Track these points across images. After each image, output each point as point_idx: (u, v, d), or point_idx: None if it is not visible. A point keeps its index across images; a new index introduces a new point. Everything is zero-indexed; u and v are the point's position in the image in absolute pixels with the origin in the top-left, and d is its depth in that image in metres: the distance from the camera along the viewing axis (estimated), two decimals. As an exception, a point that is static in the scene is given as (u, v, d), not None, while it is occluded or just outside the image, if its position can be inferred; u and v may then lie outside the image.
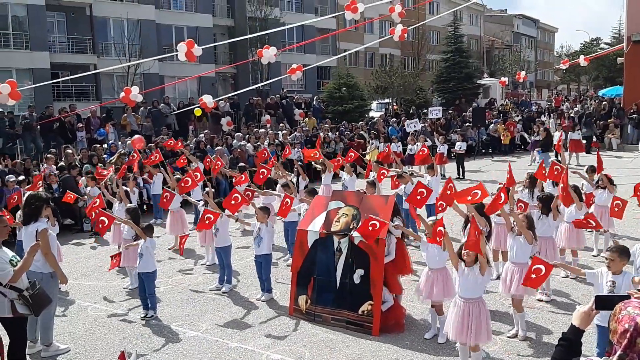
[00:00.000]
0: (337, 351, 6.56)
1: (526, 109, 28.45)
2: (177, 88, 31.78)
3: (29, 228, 6.55)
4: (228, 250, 8.82)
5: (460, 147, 19.05)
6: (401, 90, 31.33)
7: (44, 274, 6.46)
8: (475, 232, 5.46)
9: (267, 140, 19.07)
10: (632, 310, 2.76)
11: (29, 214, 6.67)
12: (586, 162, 14.74)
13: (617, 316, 2.82)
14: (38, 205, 6.64)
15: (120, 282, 9.31)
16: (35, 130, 17.31)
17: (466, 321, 5.59)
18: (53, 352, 6.64)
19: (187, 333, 7.22)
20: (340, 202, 7.81)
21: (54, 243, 6.90)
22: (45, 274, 6.47)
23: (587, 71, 53.28)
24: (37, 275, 6.32)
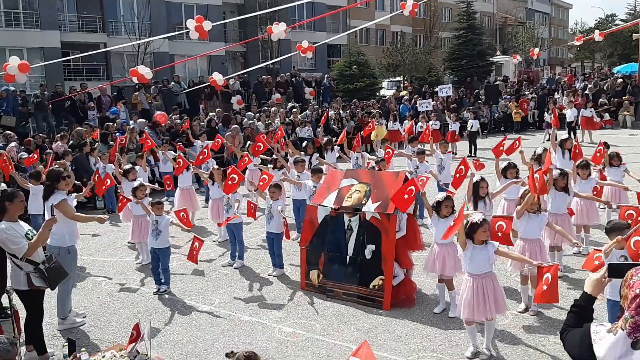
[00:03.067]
0: (348, 325, 6.63)
1: (541, 87, 28.08)
2: (187, 67, 31.75)
3: (48, 203, 6.64)
4: (240, 226, 8.88)
5: (472, 125, 18.92)
6: (412, 68, 31.08)
7: (62, 248, 6.58)
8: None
9: (278, 118, 19.04)
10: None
11: (47, 189, 6.76)
12: (597, 139, 14.60)
13: (628, 282, 2.84)
14: (53, 179, 6.73)
15: (133, 259, 9.42)
16: (47, 109, 17.40)
17: (481, 296, 5.59)
18: (69, 324, 6.77)
19: (200, 307, 7.32)
20: (353, 180, 7.83)
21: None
22: (62, 248, 6.58)
23: (602, 48, 52.47)
24: (55, 249, 6.43)
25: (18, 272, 5.60)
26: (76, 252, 6.91)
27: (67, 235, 6.67)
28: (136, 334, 4.71)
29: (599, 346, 2.85)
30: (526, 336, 6.19)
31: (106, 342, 6.28)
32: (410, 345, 6.07)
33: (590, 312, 3.18)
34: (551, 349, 5.88)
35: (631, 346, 2.76)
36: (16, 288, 5.63)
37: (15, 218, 5.71)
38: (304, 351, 6.02)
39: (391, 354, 5.89)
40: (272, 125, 18.11)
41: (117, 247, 10.16)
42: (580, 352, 2.98)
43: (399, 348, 6.00)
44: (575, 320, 3.16)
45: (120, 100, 19.46)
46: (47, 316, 6.50)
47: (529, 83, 30.36)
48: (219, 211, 9.85)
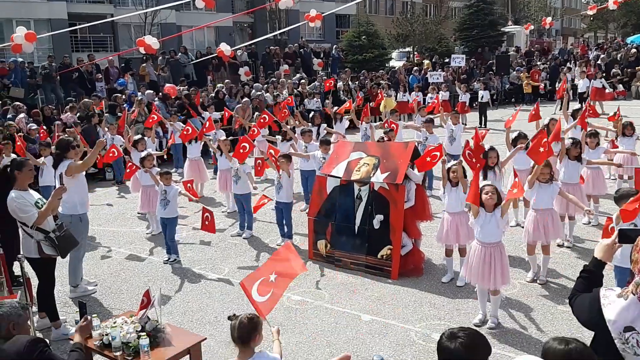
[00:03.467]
0: (356, 294, 6.66)
1: (553, 57, 27.61)
2: (195, 39, 31.48)
3: (58, 171, 6.67)
4: (248, 197, 8.89)
5: (482, 96, 18.71)
6: (422, 39, 30.62)
7: (73, 216, 6.64)
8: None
9: (286, 90, 18.90)
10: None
11: (57, 158, 6.80)
12: (609, 110, 14.38)
13: (639, 246, 2.82)
14: (63, 148, 6.76)
15: (143, 229, 9.48)
16: (55, 81, 17.36)
17: (487, 266, 5.59)
18: (80, 292, 6.86)
19: (209, 276, 7.39)
20: (362, 153, 7.79)
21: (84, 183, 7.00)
22: (74, 216, 6.65)
23: (615, 18, 51.38)
24: (66, 217, 6.50)
25: (29, 240, 5.65)
26: (87, 220, 6.96)
27: (78, 204, 6.72)
28: (146, 301, 4.74)
29: (609, 310, 2.84)
30: (534, 305, 6.20)
31: (117, 310, 6.37)
32: (418, 313, 6.11)
33: (599, 277, 3.17)
34: (559, 317, 5.89)
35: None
36: (27, 256, 5.69)
37: (25, 187, 5.74)
38: (312, 318, 6.07)
39: (399, 321, 5.93)
40: (280, 96, 18.00)
41: (127, 218, 10.23)
42: (589, 316, 2.98)
43: (406, 316, 6.04)
44: (584, 285, 3.15)
45: (128, 72, 19.37)
46: (59, 284, 6.60)
47: (541, 54, 29.84)
48: (227, 182, 9.87)
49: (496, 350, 5.30)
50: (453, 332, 2.54)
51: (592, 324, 3.03)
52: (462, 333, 2.53)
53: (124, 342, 4.53)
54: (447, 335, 2.55)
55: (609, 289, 2.98)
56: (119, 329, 4.61)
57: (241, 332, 3.58)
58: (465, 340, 2.49)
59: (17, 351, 3.19)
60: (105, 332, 4.66)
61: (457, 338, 2.50)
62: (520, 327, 5.76)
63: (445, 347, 2.50)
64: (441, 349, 2.52)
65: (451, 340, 2.50)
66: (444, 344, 2.52)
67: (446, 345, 2.50)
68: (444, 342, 2.52)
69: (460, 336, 2.50)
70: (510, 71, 24.75)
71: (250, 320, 3.62)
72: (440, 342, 2.55)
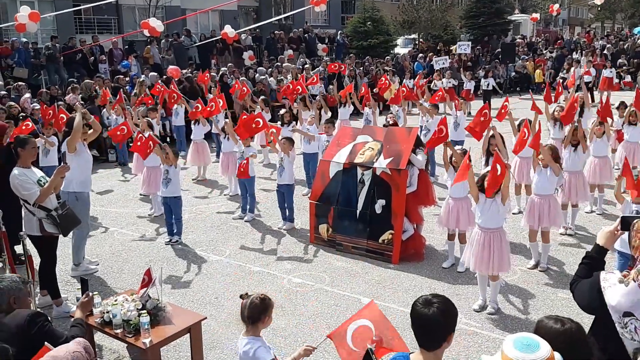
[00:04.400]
0: (356, 277, 6.68)
1: (560, 46, 27.41)
2: (199, 22, 31.27)
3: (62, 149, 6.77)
4: (252, 180, 8.88)
5: (488, 84, 18.61)
6: (428, 26, 30.35)
7: (70, 193, 6.66)
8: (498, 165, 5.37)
9: (290, 75, 18.83)
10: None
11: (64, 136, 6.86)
12: (616, 100, 14.28)
13: (638, 234, 2.82)
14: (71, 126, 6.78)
15: (146, 210, 9.50)
16: (58, 61, 17.30)
17: (487, 251, 5.59)
18: (82, 271, 6.89)
19: (210, 257, 7.40)
20: (368, 137, 7.77)
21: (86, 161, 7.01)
22: (70, 194, 6.66)
23: (623, 8, 50.94)
24: (71, 195, 6.58)
25: (31, 217, 5.67)
26: (86, 199, 6.95)
27: (75, 181, 6.71)
28: (148, 279, 4.76)
29: (610, 293, 2.85)
30: (535, 292, 6.21)
31: (118, 289, 6.39)
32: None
33: (601, 263, 3.17)
34: (559, 304, 5.90)
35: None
36: (29, 234, 5.70)
37: (28, 164, 5.74)
38: (312, 300, 6.09)
39: (399, 305, 5.94)
40: (283, 81, 17.93)
41: (129, 199, 10.25)
42: (589, 299, 2.98)
43: (406, 300, 6.05)
44: (586, 271, 3.16)
45: (132, 54, 19.30)
46: (61, 263, 6.62)
47: (550, 43, 29.61)
48: (229, 165, 9.86)
49: (495, 336, 5.32)
50: (427, 299, 2.55)
51: (592, 307, 3.05)
52: (436, 299, 2.54)
53: (125, 320, 4.55)
54: (422, 302, 2.54)
55: (609, 272, 2.98)
56: (120, 306, 4.63)
57: (252, 312, 3.59)
58: (441, 305, 2.51)
59: (18, 324, 3.21)
60: (107, 309, 4.69)
61: (433, 304, 2.51)
62: (519, 313, 5.77)
63: (422, 314, 2.50)
64: (418, 316, 2.52)
65: (427, 306, 2.50)
66: (420, 310, 2.51)
67: (423, 312, 2.50)
68: (420, 309, 2.52)
69: (435, 302, 2.52)
70: (516, 60, 24.60)
71: (262, 301, 3.63)
72: (416, 309, 2.54)
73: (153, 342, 4.42)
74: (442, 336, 2.52)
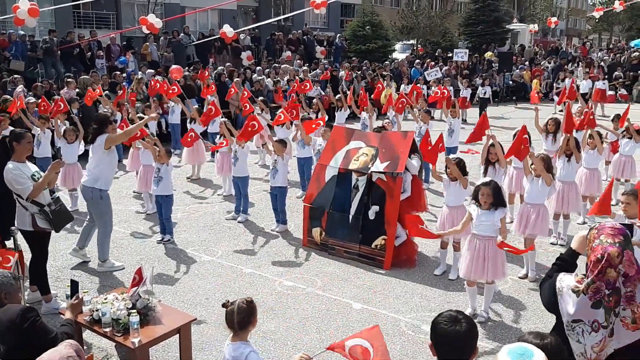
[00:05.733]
0: (348, 282, 6.68)
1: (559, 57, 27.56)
2: (198, 21, 31.24)
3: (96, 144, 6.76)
4: (246, 181, 8.88)
5: (485, 92, 18.68)
6: (427, 32, 30.53)
7: (103, 191, 6.76)
8: None
9: (287, 76, 18.84)
10: (605, 239, 2.87)
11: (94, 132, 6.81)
12: (610, 112, 14.37)
13: (591, 243, 2.88)
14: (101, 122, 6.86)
15: (138, 207, 9.47)
16: (56, 55, 17.23)
17: (481, 259, 5.60)
18: (107, 267, 6.96)
19: (202, 257, 7.39)
20: (361, 142, 7.76)
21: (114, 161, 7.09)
22: (103, 192, 6.77)
23: (621, 21, 51.32)
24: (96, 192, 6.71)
25: (23, 212, 5.64)
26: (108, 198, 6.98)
27: (107, 180, 6.82)
28: (139, 278, 4.74)
29: (563, 298, 2.96)
30: (525, 301, 6.23)
31: (108, 287, 6.37)
32: (409, 304, 6.12)
33: (572, 266, 3.24)
34: (548, 314, 5.89)
35: (592, 307, 2.88)
36: (21, 228, 5.68)
37: (23, 159, 5.71)
38: (303, 304, 6.08)
39: (389, 311, 5.94)
40: (280, 82, 17.93)
41: (122, 196, 10.21)
42: (548, 299, 3.11)
43: (397, 306, 6.05)
44: (555, 272, 3.21)
45: (130, 50, 19.24)
46: (51, 259, 6.59)
47: (549, 53, 29.76)
48: (224, 165, 9.85)
49: (484, 345, 5.33)
50: (453, 316, 2.53)
51: (550, 306, 3.17)
52: (461, 315, 2.54)
53: (114, 319, 4.53)
54: (448, 319, 2.52)
55: (567, 273, 3.06)
56: (109, 305, 4.61)
57: (241, 317, 3.58)
58: (468, 320, 2.53)
59: (10, 318, 3.23)
60: (96, 307, 4.67)
61: (460, 321, 2.50)
62: (510, 322, 5.79)
63: (453, 332, 2.46)
64: (447, 334, 2.47)
65: (455, 323, 2.49)
66: (449, 328, 2.47)
67: (454, 330, 2.46)
68: (450, 327, 2.48)
69: (461, 318, 2.51)
70: (513, 69, 24.71)
71: (249, 304, 3.63)
72: (443, 327, 2.50)
73: (142, 342, 4.40)
74: (470, 352, 2.51)
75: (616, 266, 2.81)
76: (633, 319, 2.78)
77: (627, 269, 2.79)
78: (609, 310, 2.82)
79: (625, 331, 2.81)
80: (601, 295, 2.84)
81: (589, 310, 2.87)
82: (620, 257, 2.80)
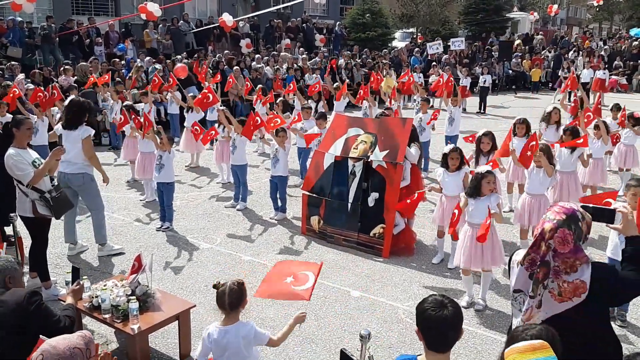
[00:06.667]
0: (346, 270, 6.71)
1: (560, 46, 27.47)
2: (197, 8, 31.04)
3: (73, 133, 6.67)
4: (244, 169, 8.88)
5: (485, 80, 18.64)
6: (427, 20, 30.37)
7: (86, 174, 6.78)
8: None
9: (286, 64, 18.78)
10: (548, 215, 2.98)
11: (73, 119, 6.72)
12: (610, 102, 14.37)
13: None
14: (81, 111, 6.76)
15: (137, 195, 9.48)
16: (54, 42, 17.15)
17: (479, 247, 5.61)
18: (108, 251, 7.03)
19: (201, 245, 7.41)
20: (359, 129, 7.74)
21: None
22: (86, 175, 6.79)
23: (621, 10, 51.10)
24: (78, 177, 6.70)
25: (24, 199, 5.65)
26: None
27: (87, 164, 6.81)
28: (138, 265, 4.76)
29: (513, 274, 3.11)
30: (522, 290, 6.25)
31: (108, 274, 6.40)
32: (407, 292, 6.16)
33: None
34: (546, 303, 5.94)
35: (529, 277, 2.99)
36: (21, 215, 5.70)
37: (24, 145, 5.72)
38: (302, 292, 6.10)
39: (388, 299, 5.98)
40: (279, 70, 17.88)
41: (121, 184, 10.22)
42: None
43: (395, 294, 6.09)
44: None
45: (129, 38, 19.15)
46: (51, 245, 6.59)
47: (551, 42, 29.67)
48: (223, 153, 9.85)
49: (482, 332, 5.37)
50: (438, 300, 2.56)
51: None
52: (447, 300, 2.58)
53: (114, 305, 4.57)
54: (433, 304, 2.55)
55: (523, 249, 3.14)
56: (109, 291, 4.64)
57: (232, 298, 3.64)
58: (454, 304, 2.57)
59: (16, 301, 3.32)
60: (96, 294, 4.70)
61: (446, 305, 2.54)
62: (507, 310, 5.81)
63: (438, 317, 2.50)
64: (433, 319, 2.51)
65: (441, 308, 2.53)
66: (435, 313, 2.51)
67: (439, 315, 2.50)
68: (436, 312, 2.52)
69: (447, 303, 2.55)
70: (512, 58, 24.65)
71: (240, 286, 3.70)
72: (428, 312, 2.53)
73: (141, 329, 4.43)
74: (456, 336, 2.55)
75: (546, 241, 2.91)
76: (559, 292, 2.90)
77: (557, 245, 2.89)
78: (537, 282, 2.93)
79: (552, 302, 2.93)
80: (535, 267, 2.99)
81: (528, 281, 2.99)
82: (552, 233, 2.90)
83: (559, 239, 2.88)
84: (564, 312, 2.90)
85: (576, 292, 2.87)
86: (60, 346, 2.51)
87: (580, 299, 2.87)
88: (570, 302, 2.89)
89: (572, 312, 2.89)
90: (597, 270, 2.91)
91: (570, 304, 2.89)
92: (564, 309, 2.90)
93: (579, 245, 2.91)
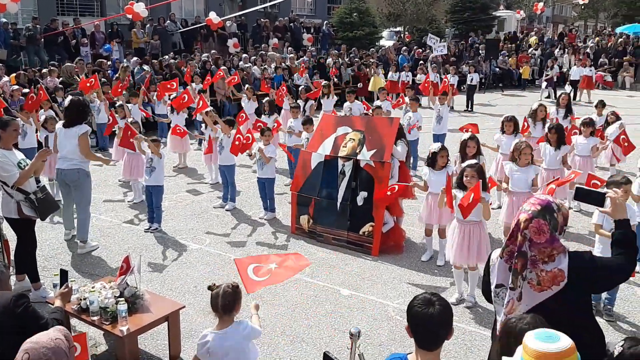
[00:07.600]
0: (336, 268, 6.71)
1: (547, 43, 27.65)
2: (184, 8, 30.91)
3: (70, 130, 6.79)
4: (232, 169, 8.86)
5: (472, 79, 18.72)
6: (414, 19, 30.41)
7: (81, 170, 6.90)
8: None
9: (274, 64, 18.75)
10: (524, 206, 3.02)
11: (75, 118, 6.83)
12: (596, 99, 14.50)
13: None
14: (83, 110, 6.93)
15: (125, 196, 9.41)
16: (39, 43, 16.99)
17: (466, 243, 5.65)
18: (89, 248, 7.11)
19: (190, 246, 7.38)
20: (347, 128, 7.74)
21: None
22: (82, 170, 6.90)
23: (606, 8, 51.57)
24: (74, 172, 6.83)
25: (9, 200, 5.60)
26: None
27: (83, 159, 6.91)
28: (126, 267, 4.73)
29: (493, 269, 3.12)
30: (511, 286, 6.28)
31: (96, 276, 6.34)
32: (397, 290, 6.17)
33: None
34: (534, 299, 5.98)
35: (508, 270, 3.01)
36: (7, 216, 5.65)
37: (9, 146, 5.67)
38: (292, 291, 6.11)
39: (377, 297, 5.99)
40: (267, 70, 17.85)
41: (108, 185, 10.15)
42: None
43: (385, 292, 6.10)
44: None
45: (115, 39, 19.02)
46: (38, 248, 6.48)
47: (539, 40, 29.85)
48: (211, 153, 9.80)
49: (472, 329, 5.40)
50: (427, 298, 2.57)
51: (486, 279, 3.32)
52: (435, 297, 2.58)
53: (102, 307, 4.53)
54: (422, 301, 2.56)
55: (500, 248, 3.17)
56: (97, 293, 4.61)
57: (225, 301, 3.61)
58: (442, 302, 2.57)
59: (3, 304, 3.26)
60: (84, 296, 4.66)
61: (434, 303, 2.54)
62: (496, 307, 5.85)
63: (426, 314, 2.50)
64: (421, 316, 2.52)
65: (429, 306, 2.53)
66: (423, 311, 2.52)
67: (427, 312, 2.50)
68: (423, 309, 2.52)
69: (435, 300, 2.56)
70: (499, 56, 24.78)
71: (234, 289, 3.67)
72: (417, 310, 2.54)
73: (130, 330, 4.41)
74: (445, 334, 2.55)
75: (522, 231, 2.94)
76: (538, 281, 2.93)
77: (532, 235, 2.92)
78: (516, 273, 2.95)
79: (532, 292, 2.95)
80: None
81: (508, 274, 3.01)
82: (527, 223, 2.93)
83: (534, 229, 2.91)
84: (545, 302, 2.92)
85: (555, 281, 2.90)
86: (43, 340, 2.50)
87: (559, 287, 2.90)
88: (550, 291, 2.92)
89: (552, 301, 2.91)
90: (574, 259, 2.95)
91: (550, 293, 2.92)
92: (544, 299, 2.92)
93: (555, 235, 2.94)
